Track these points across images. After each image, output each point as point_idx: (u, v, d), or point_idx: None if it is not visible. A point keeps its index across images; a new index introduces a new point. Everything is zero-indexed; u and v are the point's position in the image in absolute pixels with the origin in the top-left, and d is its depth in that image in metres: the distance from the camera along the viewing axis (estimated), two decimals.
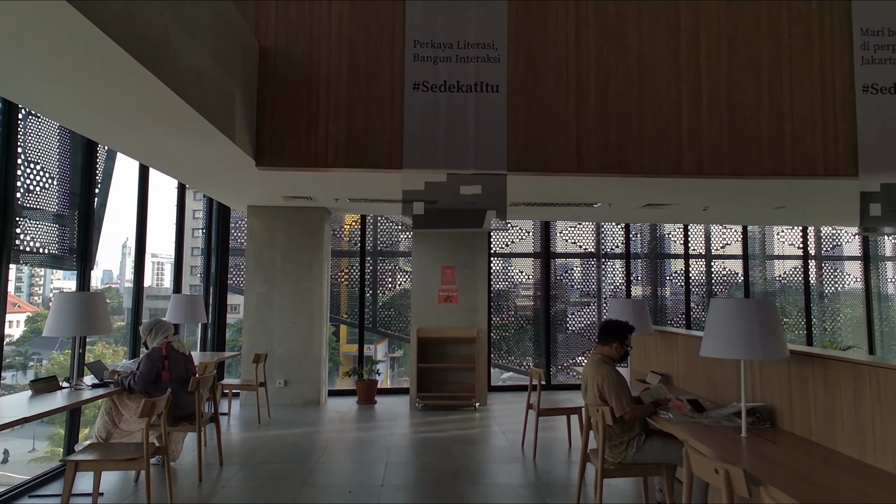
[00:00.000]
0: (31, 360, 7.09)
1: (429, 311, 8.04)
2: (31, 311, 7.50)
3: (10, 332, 6.30)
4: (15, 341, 6.88)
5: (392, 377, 10.37)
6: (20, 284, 7.59)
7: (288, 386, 7.74)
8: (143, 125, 4.18)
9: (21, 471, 6.23)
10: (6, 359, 6.63)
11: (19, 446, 6.98)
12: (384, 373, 10.36)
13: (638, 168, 5.48)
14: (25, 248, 4.58)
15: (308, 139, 5.41)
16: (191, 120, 4.00)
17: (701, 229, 10.06)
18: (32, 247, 4.67)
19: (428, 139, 5.48)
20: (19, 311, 7.09)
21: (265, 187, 6.58)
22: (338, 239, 9.20)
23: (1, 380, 4.33)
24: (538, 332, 9.61)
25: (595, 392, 3.54)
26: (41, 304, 7.75)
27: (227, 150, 4.90)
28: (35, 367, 7.03)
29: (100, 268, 9.63)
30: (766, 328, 2.78)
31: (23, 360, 7.01)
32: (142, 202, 5.94)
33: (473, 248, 8.15)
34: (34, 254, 4.67)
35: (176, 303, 6.12)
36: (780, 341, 2.86)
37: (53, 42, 2.76)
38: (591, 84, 5.50)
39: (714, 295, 10.02)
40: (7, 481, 6.55)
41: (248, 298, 7.79)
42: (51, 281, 7.98)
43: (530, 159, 5.50)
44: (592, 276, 9.92)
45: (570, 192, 6.66)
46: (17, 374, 6.87)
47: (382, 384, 10.15)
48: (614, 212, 8.00)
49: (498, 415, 7.28)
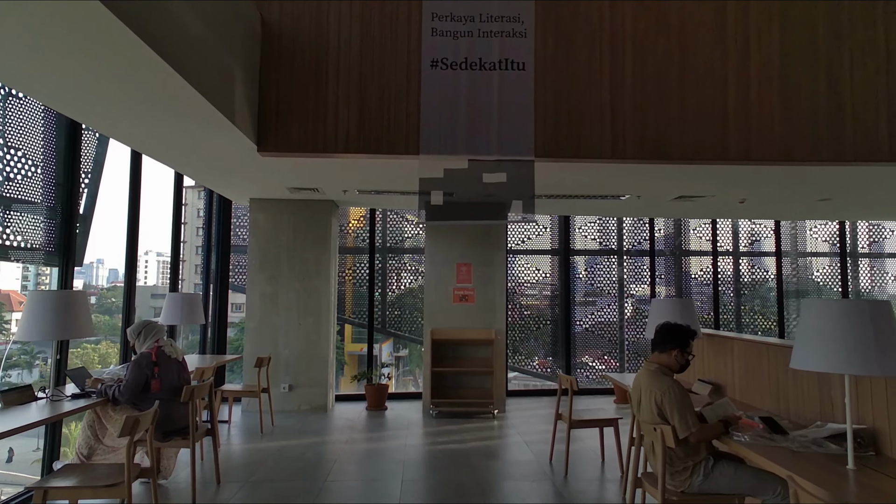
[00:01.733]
0: (37, 359, 6.79)
1: (443, 311, 7.53)
2: None
3: (17, 330, 6.23)
4: (21, 340, 6.59)
5: (397, 377, 9.93)
6: (27, 283, 7.10)
7: (293, 391, 7.25)
8: (128, 102, 3.68)
9: (25, 470, 5.95)
10: (12, 357, 6.46)
11: (24, 445, 6.66)
12: (390, 369, 9.99)
13: (679, 154, 4.95)
14: (3, 242, 4.11)
15: (315, 122, 4.91)
16: (183, 95, 3.51)
17: (728, 224, 9.51)
18: (13, 241, 4.20)
19: (447, 122, 4.97)
20: (23, 310, 6.76)
21: (269, 177, 6.09)
22: (343, 235, 8.70)
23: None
24: (556, 332, 9.09)
25: (652, 408, 3.03)
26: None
27: (226, 134, 4.41)
28: (41, 366, 6.71)
29: (105, 266, 9.33)
30: (883, 336, 2.26)
31: (28, 359, 6.76)
32: (134, 192, 5.45)
33: (491, 243, 7.63)
34: (14, 248, 4.19)
35: (171, 302, 5.63)
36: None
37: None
38: (628, 61, 4.98)
39: (741, 294, 9.47)
40: (12, 480, 6.13)
41: (251, 298, 7.31)
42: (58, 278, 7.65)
43: (560, 144, 4.99)
44: (612, 273, 9.39)
45: (597, 183, 6.13)
46: (24, 373, 6.68)
47: (388, 382, 9.72)
48: (642, 205, 7.47)
49: (518, 423, 6.77)
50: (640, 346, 9.15)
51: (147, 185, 6.73)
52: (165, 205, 7.74)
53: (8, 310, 6.42)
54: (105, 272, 9.14)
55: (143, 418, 3.14)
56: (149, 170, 6.48)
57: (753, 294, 9.49)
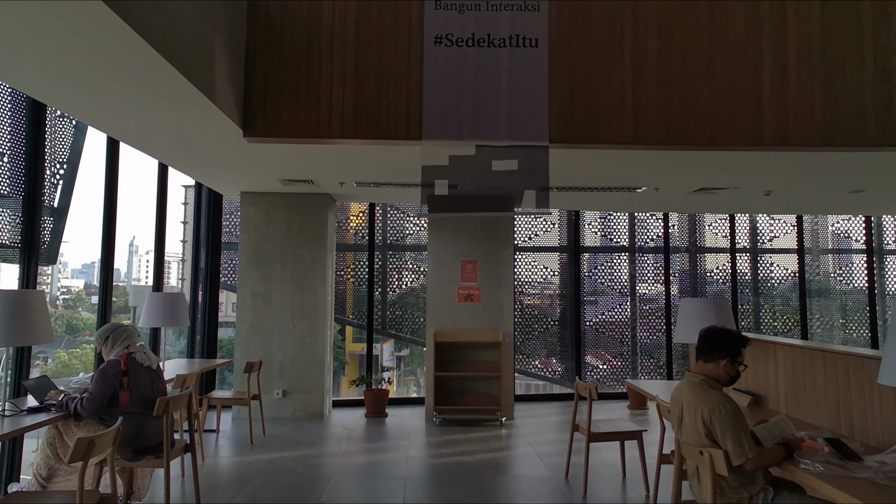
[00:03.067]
0: (37, 359, 6.39)
1: (447, 311, 7.07)
2: None
3: None
4: None
5: (398, 377, 9.56)
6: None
7: (287, 397, 6.79)
8: (94, 77, 3.23)
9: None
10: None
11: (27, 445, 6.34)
12: (390, 373, 9.63)
13: (707, 139, 4.49)
14: None
15: (307, 105, 4.46)
16: (154, 68, 3.06)
17: (746, 220, 9.04)
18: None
19: (452, 104, 4.52)
20: None
21: (258, 168, 5.63)
22: (343, 232, 8.25)
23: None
24: (563, 332, 8.63)
25: (698, 428, 2.57)
26: (49, 302, 7.11)
27: (207, 116, 3.95)
28: (40, 366, 6.53)
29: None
30: None
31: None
32: (111, 183, 5.00)
33: (498, 239, 7.17)
34: None
35: (152, 303, 5.17)
36: None
37: None
38: (651, 37, 4.52)
39: (758, 294, 9.00)
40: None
41: (243, 298, 6.85)
42: (58, 280, 7.52)
43: (576, 129, 4.53)
44: (622, 271, 8.93)
45: (614, 173, 5.67)
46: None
47: (388, 387, 9.33)
48: (659, 198, 7.00)
49: (528, 431, 6.31)
50: (653, 347, 8.69)
51: (151, 182, 6.35)
52: (172, 203, 7.35)
53: None
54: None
55: (101, 440, 2.69)
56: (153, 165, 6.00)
57: (773, 293, 9.00)
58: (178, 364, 5.75)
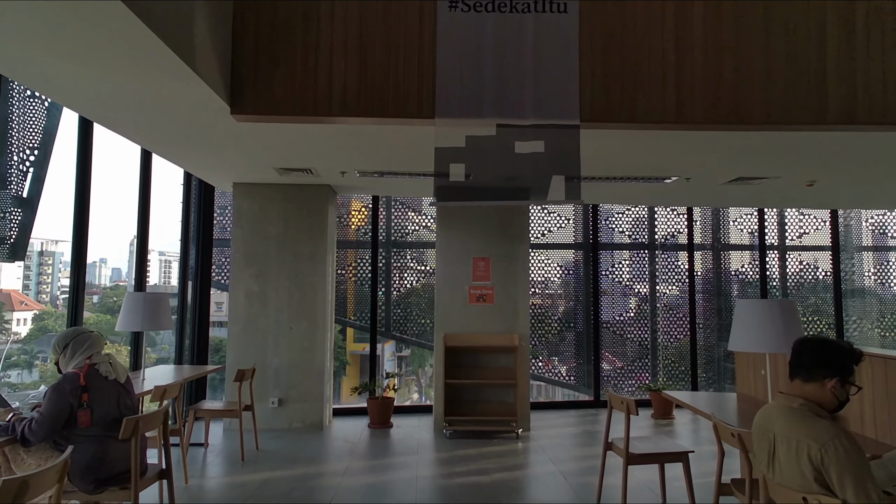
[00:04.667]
0: (37, 359, 6.46)
1: (457, 312, 6.51)
2: (38, 310, 6.89)
3: (18, 330, 6.27)
4: (21, 339, 6.62)
5: (400, 379, 8.95)
6: (28, 282, 6.92)
7: (283, 406, 6.23)
8: (49, 33, 2.67)
9: None
10: (11, 357, 6.20)
11: None
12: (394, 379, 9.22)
13: (762, 117, 3.92)
14: None
15: (304, 78, 3.89)
16: (116, 19, 2.49)
17: (774, 215, 8.46)
18: None
19: (470, 78, 3.95)
20: (26, 309, 6.67)
21: (251, 154, 5.07)
22: (344, 227, 7.68)
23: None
24: (580, 335, 8.07)
25: (802, 468, 2.00)
26: (49, 302, 7.20)
27: (187, 87, 3.39)
28: (40, 367, 6.48)
29: (108, 265, 9.00)
30: None
31: (28, 359, 6.45)
32: (83, 168, 4.43)
33: (513, 234, 6.60)
34: None
35: (130, 305, 4.61)
36: None
37: None
38: (697, 1, 3.96)
39: (787, 294, 8.42)
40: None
41: (235, 298, 6.29)
42: (58, 279, 7.32)
43: (611, 106, 3.97)
44: (643, 270, 8.37)
45: (643, 160, 5.12)
46: (23, 373, 6.45)
47: (393, 393, 8.84)
48: (688, 189, 6.43)
49: (548, 445, 5.74)
50: (675, 350, 8.12)
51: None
52: (173, 201, 6.84)
53: (9, 309, 6.27)
54: (108, 271, 8.88)
55: (39, 477, 2.12)
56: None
57: (805, 293, 8.42)
58: (163, 372, 5.19)
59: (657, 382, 7.73)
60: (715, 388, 8.12)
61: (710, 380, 8.14)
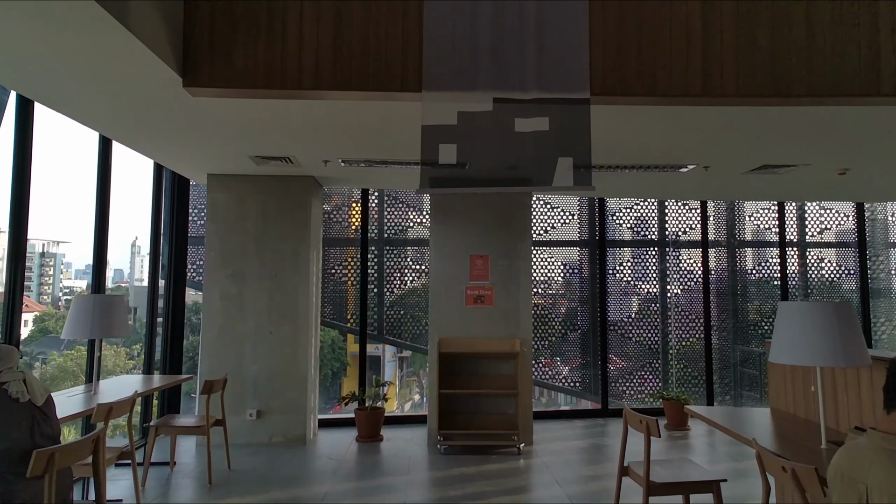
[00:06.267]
0: (37, 360, 6.49)
1: (453, 315, 5.96)
2: (38, 311, 7.01)
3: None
4: (23, 340, 6.31)
5: (400, 378, 8.72)
6: (30, 283, 6.85)
7: (262, 418, 5.68)
8: None
9: None
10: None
11: None
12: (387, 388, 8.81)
13: (805, 88, 3.37)
14: None
15: (271, 45, 3.35)
16: None
17: (794, 209, 7.89)
18: None
19: (463, 45, 3.41)
20: (27, 311, 6.66)
21: (219, 140, 4.52)
22: (344, 224, 7.12)
23: None
24: (585, 338, 7.52)
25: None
26: (50, 303, 7.35)
27: (128, 52, 2.84)
28: (40, 368, 6.53)
29: (111, 266, 8.93)
30: None
31: (29, 360, 6.44)
32: (21, 155, 3.88)
33: (513, 230, 6.05)
34: None
35: (79, 308, 4.05)
36: None
37: None
38: None
39: (808, 294, 7.85)
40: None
41: (209, 300, 5.74)
42: (59, 280, 7.47)
43: (627, 78, 3.42)
44: (651, 268, 7.82)
45: (658, 145, 4.57)
46: None
47: (388, 399, 8.37)
48: (706, 179, 5.87)
49: (552, 461, 5.19)
50: (687, 355, 7.56)
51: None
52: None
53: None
54: (110, 272, 8.68)
55: None
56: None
57: (828, 293, 7.85)
58: (123, 384, 4.63)
59: (670, 390, 7.17)
60: (731, 395, 7.56)
61: (725, 387, 7.58)
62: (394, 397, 8.56)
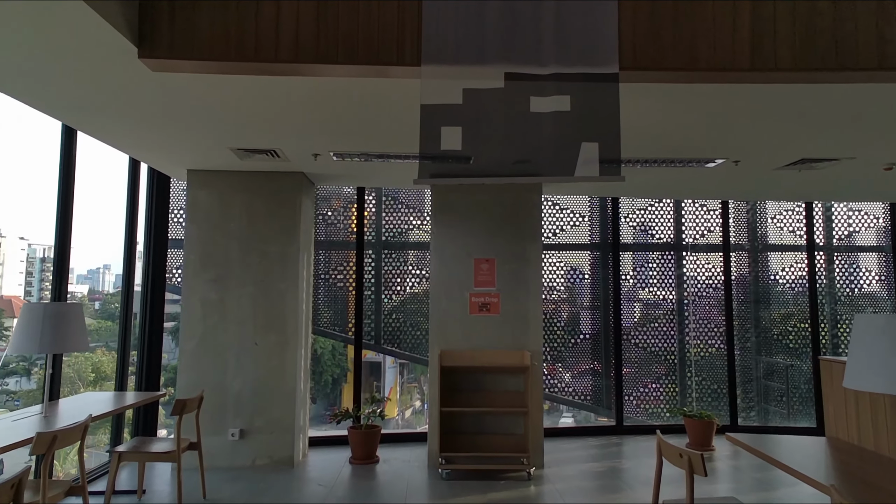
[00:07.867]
0: (35, 366, 6.40)
1: (456, 325, 5.43)
2: None
3: None
4: None
5: (401, 384, 8.44)
6: (30, 288, 6.95)
7: (246, 438, 5.15)
8: None
9: None
10: (9, 364, 6.26)
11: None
12: (392, 380, 8.51)
13: (874, 60, 2.85)
14: None
15: (243, 10, 2.84)
16: None
17: (821, 210, 7.36)
18: None
19: (468, 11, 2.89)
20: None
21: (193, 128, 4.00)
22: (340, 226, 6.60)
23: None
24: (597, 347, 6.99)
25: None
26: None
27: (71, 20, 2.33)
28: (38, 374, 6.38)
29: (112, 272, 8.98)
30: None
31: (27, 366, 6.43)
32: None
33: (521, 231, 5.53)
34: None
35: (27, 319, 3.53)
36: None
37: None
38: None
39: (836, 302, 7.31)
40: None
41: (189, 308, 5.23)
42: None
43: (662, 49, 2.91)
44: (668, 274, 7.29)
45: (683, 135, 4.05)
46: (22, 380, 6.52)
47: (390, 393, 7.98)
48: (734, 176, 5.35)
49: (567, 489, 4.65)
50: (709, 368, 7.02)
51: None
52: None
53: (9, 315, 6.19)
54: (112, 277, 8.83)
55: None
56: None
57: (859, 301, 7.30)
58: (89, 402, 4.09)
59: (691, 405, 6.63)
60: (756, 412, 7.02)
61: (749, 402, 7.03)
62: (394, 403, 8.11)
